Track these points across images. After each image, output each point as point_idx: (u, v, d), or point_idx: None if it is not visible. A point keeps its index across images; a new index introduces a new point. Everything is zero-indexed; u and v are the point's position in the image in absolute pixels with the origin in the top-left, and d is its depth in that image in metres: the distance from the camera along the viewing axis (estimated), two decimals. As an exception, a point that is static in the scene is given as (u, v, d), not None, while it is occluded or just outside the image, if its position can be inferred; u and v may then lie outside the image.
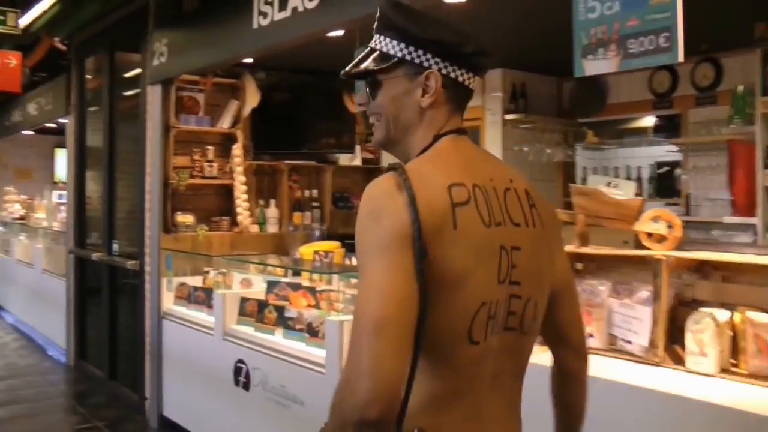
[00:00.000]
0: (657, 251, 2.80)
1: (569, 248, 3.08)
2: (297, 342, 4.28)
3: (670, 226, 2.86)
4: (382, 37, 1.66)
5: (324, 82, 6.65)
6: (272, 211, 6.45)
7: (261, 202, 6.42)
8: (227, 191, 6.24)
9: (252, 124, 6.40)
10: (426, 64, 1.62)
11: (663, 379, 2.55)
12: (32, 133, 11.02)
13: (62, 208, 9.08)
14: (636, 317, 2.77)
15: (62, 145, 12.37)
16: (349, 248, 5.50)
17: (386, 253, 1.40)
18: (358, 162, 7.09)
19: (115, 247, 6.72)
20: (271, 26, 4.18)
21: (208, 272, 5.48)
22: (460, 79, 1.65)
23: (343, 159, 6.97)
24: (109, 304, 6.90)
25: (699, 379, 2.53)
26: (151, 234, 5.80)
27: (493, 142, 6.35)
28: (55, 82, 8.24)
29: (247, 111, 6.17)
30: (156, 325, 5.73)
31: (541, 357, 1.96)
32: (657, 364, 2.69)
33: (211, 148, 6.10)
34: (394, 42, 1.64)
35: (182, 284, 5.63)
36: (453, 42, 1.63)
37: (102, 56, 6.93)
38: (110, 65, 6.73)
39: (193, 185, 5.97)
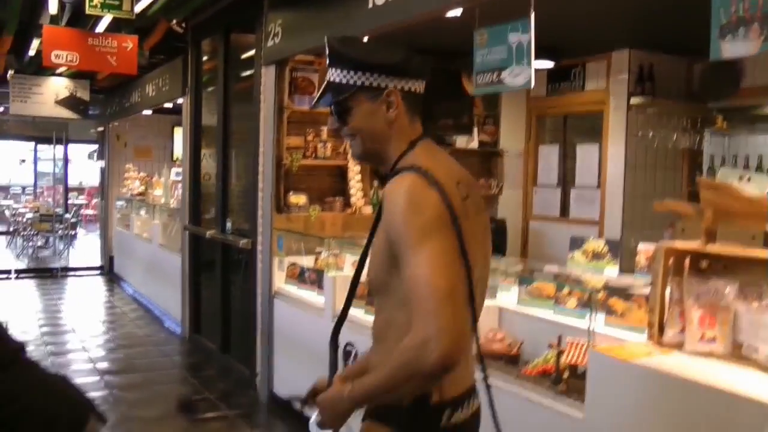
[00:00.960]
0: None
1: (693, 245, 2.92)
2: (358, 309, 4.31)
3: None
4: (338, 70, 1.93)
5: (442, 62, 6.56)
6: (385, 192, 6.35)
7: (374, 182, 6.39)
8: (340, 172, 6.25)
9: (367, 104, 6.36)
10: (383, 84, 1.92)
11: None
12: (151, 112, 11.34)
13: (179, 185, 9.32)
14: (766, 324, 2.59)
15: (180, 124, 12.75)
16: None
17: (437, 237, 1.74)
18: (474, 145, 6.96)
19: (229, 225, 6.84)
20: (387, 6, 4.11)
21: (319, 253, 5.50)
22: (413, 89, 1.96)
23: (460, 141, 6.86)
24: (222, 281, 7.05)
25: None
26: (264, 213, 5.87)
27: (616, 127, 6.10)
28: (172, 64, 8.44)
29: (362, 91, 6.13)
30: (267, 303, 5.81)
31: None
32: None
33: (324, 128, 6.11)
34: (351, 72, 1.91)
35: (293, 264, 5.67)
36: (400, 60, 1.93)
37: (217, 38, 7.04)
38: (225, 47, 6.84)
39: (306, 166, 5.99)
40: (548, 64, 6.35)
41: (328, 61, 1.97)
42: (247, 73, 6.59)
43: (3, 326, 1.96)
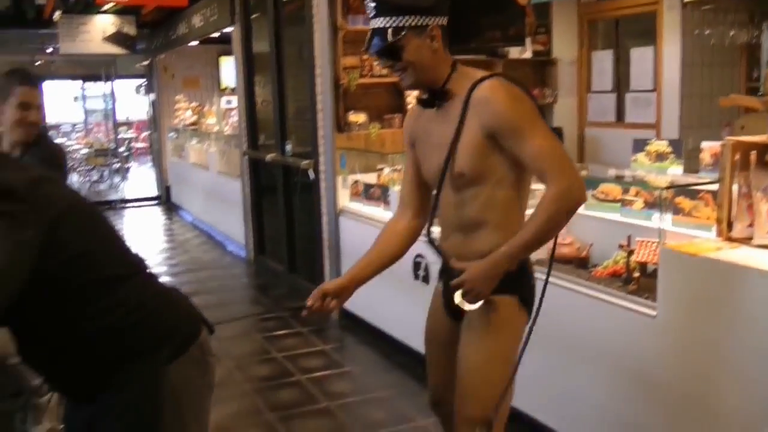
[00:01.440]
0: None
1: (760, 138, 2.97)
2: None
3: None
4: (387, 17, 2.32)
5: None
6: (443, 106, 6.42)
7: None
8: (397, 89, 6.30)
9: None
10: (427, 23, 2.35)
11: None
12: (197, 43, 11.43)
13: (232, 113, 9.47)
14: None
15: (226, 54, 12.81)
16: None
17: (541, 119, 2.34)
18: (528, 55, 6.97)
19: (288, 148, 6.98)
20: None
21: (382, 169, 5.63)
22: (444, 23, 2.41)
23: (513, 52, 6.86)
24: (284, 202, 7.24)
25: None
26: (324, 134, 5.99)
27: (671, 27, 6.02)
28: (219, -7, 8.49)
29: (417, 8, 6.15)
30: (333, 221, 5.98)
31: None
32: None
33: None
34: (400, 17, 2.32)
35: (356, 182, 5.82)
36: (436, 2, 2.38)
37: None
38: (274, -30, 6.87)
39: (363, 84, 6.04)
40: (598, -34, 6.31)
41: (374, 11, 2.35)
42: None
43: (124, 240, 2.16)
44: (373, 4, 2.35)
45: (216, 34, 9.49)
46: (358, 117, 6.04)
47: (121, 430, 2.02)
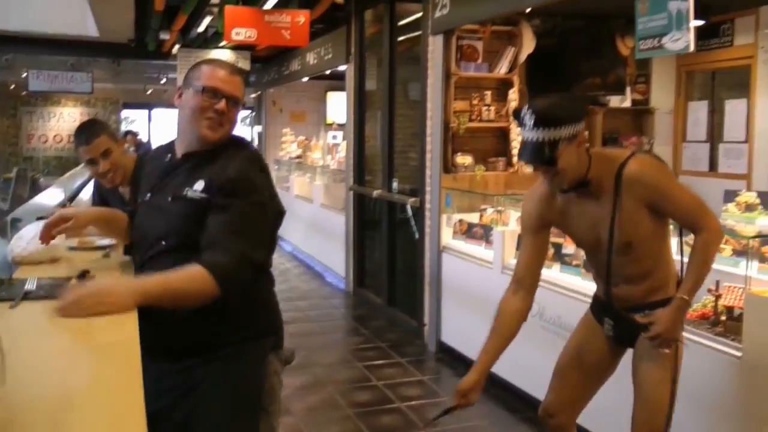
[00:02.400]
0: None
1: None
2: (573, 276, 4.54)
3: None
4: (547, 130, 2.53)
5: (595, 25, 6.77)
6: (545, 153, 6.62)
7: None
8: (503, 133, 6.55)
9: (527, 69, 6.63)
10: (578, 131, 2.58)
11: None
12: (306, 79, 11.92)
13: (338, 148, 9.83)
14: None
15: (334, 89, 13.28)
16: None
17: (676, 180, 2.79)
18: (627, 104, 7.15)
19: (395, 185, 7.27)
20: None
21: (485, 210, 5.85)
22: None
23: (614, 101, 7.06)
24: (387, 237, 7.52)
25: None
26: (432, 174, 6.26)
27: (764, 80, 6.15)
28: (335, 33, 8.89)
29: (523, 57, 6.39)
30: (436, 257, 6.21)
31: None
32: None
33: (488, 92, 6.41)
34: (558, 129, 2.54)
35: (460, 221, 6.06)
36: (585, 109, 2.53)
37: (381, 8, 7.43)
38: (390, 16, 7.21)
39: (471, 128, 6.32)
40: (699, 22, 6.43)
41: (533, 123, 2.56)
42: (406, 36, 6.98)
43: None
44: (532, 119, 2.57)
45: (327, 71, 9.91)
46: (464, 159, 6.29)
47: (226, 393, 2.33)
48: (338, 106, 13.49)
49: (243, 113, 17.29)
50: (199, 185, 2.31)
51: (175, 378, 2.28)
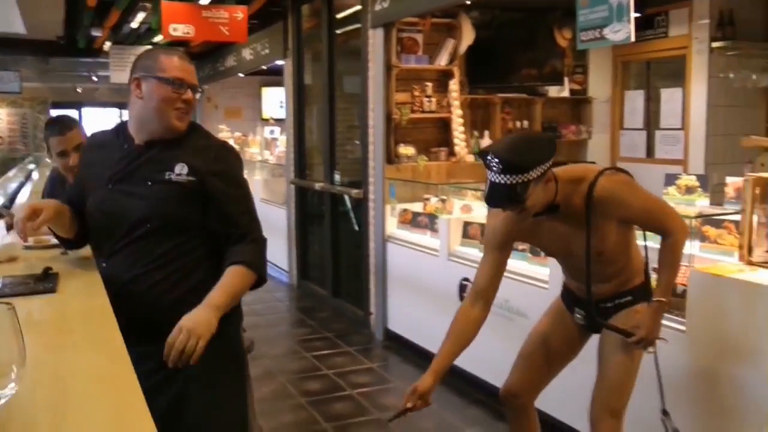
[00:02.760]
0: None
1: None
2: (520, 261, 4.68)
3: None
4: (515, 176, 2.55)
5: (533, 17, 6.96)
6: (486, 142, 6.80)
7: (475, 133, 6.83)
8: (444, 124, 6.69)
9: (467, 60, 6.78)
10: (545, 170, 2.62)
11: None
12: (240, 75, 11.90)
13: (277, 143, 9.86)
14: None
15: (269, 84, 13.27)
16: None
17: (642, 189, 2.86)
18: (565, 93, 7.36)
19: (337, 177, 7.36)
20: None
21: (428, 199, 5.99)
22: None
23: (552, 91, 7.26)
24: (331, 229, 7.60)
25: None
26: (375, 165, 6.37)
27: (698, 70, 6.41)
28: (272, 28, 8.90)
29: (463, 48, 6.52)
30: (381, 247, 6.33)
31: None
32: None
33: (429, 84, 6.54)
34: (526, 174, 2.55)
35: (404, 210, 6.18)
36: (552, 150, 2.65)
37: (319, 2, 7.49)
38: (328, 10, 7.28)
39: (413, 119, 6.45)
40: (634, 15, 6.69)
41: (500, 169, 2.57)
42: (345, 30, 7.06)
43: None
44: (499, 166, 2.57)
45: (263, 67, 9.91)
46: (407, 150, 6.42)
47: (218, 360, 2.42)
48: (274, 101, 13.47)
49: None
50: (182, 168, 2.44)
51: (157, 360, 2.28)
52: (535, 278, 4.49)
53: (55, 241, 3.10)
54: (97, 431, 1.38)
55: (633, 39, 3.98)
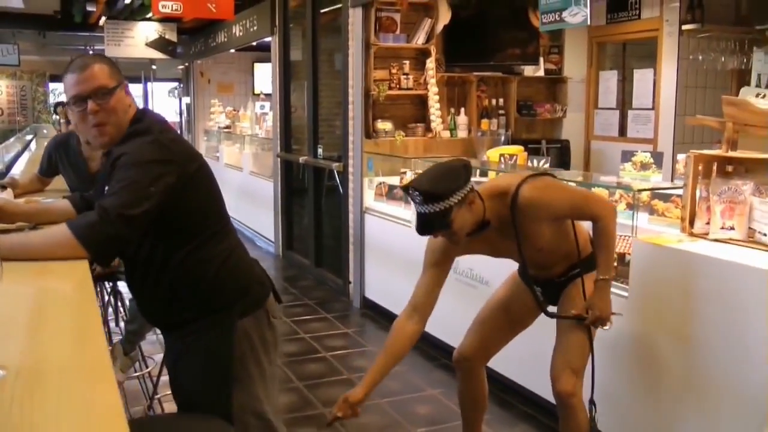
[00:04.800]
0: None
1: (717, 152, 3.58)
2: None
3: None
4: (436, 205, 2.76)
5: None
6: (462, 119, 7.04)
7: (452, 110, 7.02)
8: (421, 101, 6.91)
9: (444, 39, 6.96)
10: (465, 194, 2.81)
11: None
12: (233, 50, 12.10)
13: (266, 117, 10.09)
14: None
15: (260, 60, 13.47)
16: (532, 152, 6.10)
17: (565, 186, 3.23)
18: (541, 73, 7.57)
19: (320, 151, 7.61)
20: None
21: (405, 173, 6.23)
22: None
23: (528, 70, 7.48)
24: (314, 201, 7.87)
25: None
26: (354, 139, 6.62)
27: (669, 52, 6.60)
28: (259, 6, 9.10)
29: (439, 28, 6.71)
30: (359, 218, 6.59)
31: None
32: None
33: (407, 62, 6.75)
34: (446, 201, 2.76)
35: (381, 183, 6.44)
36: (467, 174, 2.87)
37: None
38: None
39: (391, 96, 6.69)
40: (606, -4, 6.95)
41: (422, 201, 2.79)
42: (329, 9, 7.27)
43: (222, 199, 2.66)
44: (419, 198, 2.79)
45: (253, 43, 10.12)
46: (385, 125, 6.67)
47: (197, 368, 2.51)
48: (265, 76, 13.65)
49: (171, 85, 17.24)
50: None
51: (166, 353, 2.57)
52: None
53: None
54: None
55: (589, 22, 4.22)
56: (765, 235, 3.26)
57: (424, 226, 2.86)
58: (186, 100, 14.88)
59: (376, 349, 5.69)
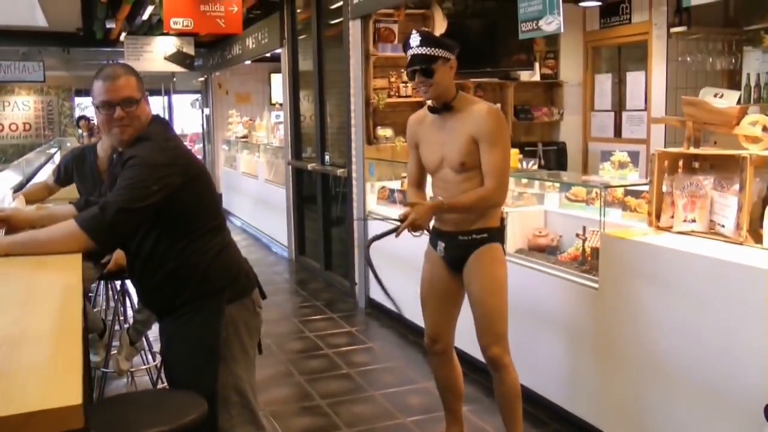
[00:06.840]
0: (747, 151, 3.32)
1: (680, 149, 3.77)
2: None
3: (765, 129, 3.33)
4: (429, 48, 3.36)
5: (503, 6, 7.37)
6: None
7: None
8: (420, 107, 7.11)
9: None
10: (451, 56, 3.42)
11: (742, 254, 3.18)
12: (249, 62, 12.43)
13: (280, 126, 10.38)
14: (727, 205, 3.39)
15: (276, 71, 13.76)
16: (527, 154, 6.32)
17: (508, 144, 3.50)
18: (536, 77, 7.80)
19: (327, 158, 7.88)
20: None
21: (405, 177, 6.46)
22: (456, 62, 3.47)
23: (524, 75, 7.69)
24: (322, 207, 8.15)
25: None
26: (356, 145, 6.89)
27: (658, 55, 6.79)
28: (269, 19, 9.43)
29: (435, 37, 7.00)
30: (362, 223, 6.84)
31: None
32: (741, 243, 3.31)
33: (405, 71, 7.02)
34: (437, 49, 3.37)
35: (383, 187, 6.69)
36: (456, 45, 3.45)
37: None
38: (317, 3, 7.81)
39: (391, 103, 6.98)
40: (595, 3, 7.17)
41: (419, 42, 3.38)
42: (336, 21, 7.53)
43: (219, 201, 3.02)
44: (417, 39, 3.40)
45: (267, 54, 10.44)
46: (385, 131, 6.94)
47: (187, 346, 2.82)
48: (281, 86, 14.01)
49: (191, 96, 17.57)
50: None
51: (160, 338, 2.90)
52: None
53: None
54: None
55: (563, 30, 4.44)
56: (724, 226, 3.43)
57: (415, 62, 3.40)
58: (206, 111, 15.24)
59: (377, 346, 5.95)
